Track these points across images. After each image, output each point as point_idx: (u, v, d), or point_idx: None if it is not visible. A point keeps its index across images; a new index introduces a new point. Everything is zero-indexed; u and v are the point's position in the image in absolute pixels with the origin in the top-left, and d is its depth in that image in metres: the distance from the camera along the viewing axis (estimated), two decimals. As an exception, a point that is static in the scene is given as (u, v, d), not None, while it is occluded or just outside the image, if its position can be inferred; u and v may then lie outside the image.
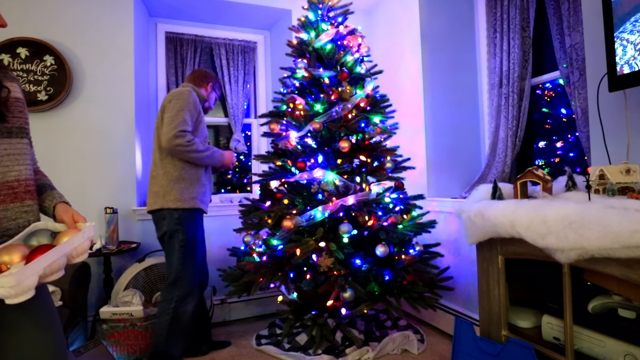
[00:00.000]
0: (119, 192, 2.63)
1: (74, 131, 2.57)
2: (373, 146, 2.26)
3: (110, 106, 2.65)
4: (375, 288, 2.05)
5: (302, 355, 2.16)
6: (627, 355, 1.23)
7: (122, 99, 2.67)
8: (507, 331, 1.58)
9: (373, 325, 2.48)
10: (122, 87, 2.68)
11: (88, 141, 2.59)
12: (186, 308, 2.05)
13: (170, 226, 2.05)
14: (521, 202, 1.44)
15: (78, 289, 2.22)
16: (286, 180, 2.27)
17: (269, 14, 3.23)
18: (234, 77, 3.36)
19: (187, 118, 2.03)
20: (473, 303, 2.33)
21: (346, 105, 2.22)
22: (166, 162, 2.08)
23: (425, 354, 2.24)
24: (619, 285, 1.25)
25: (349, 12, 2.50)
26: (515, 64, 2.42)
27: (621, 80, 1.49)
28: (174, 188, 2.05)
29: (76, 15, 2.58)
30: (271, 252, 2.17)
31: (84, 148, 2.57)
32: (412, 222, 2.25)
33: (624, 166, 1.35)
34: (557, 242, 1.24)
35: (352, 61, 2.37)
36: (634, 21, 1.43)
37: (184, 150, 2.00)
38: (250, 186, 3.52)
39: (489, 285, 1.63)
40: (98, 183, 2.59)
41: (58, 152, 2.52)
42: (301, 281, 2.12)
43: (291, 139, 2.27)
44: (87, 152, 2.58)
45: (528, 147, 2.59)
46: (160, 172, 2.09)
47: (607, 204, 1.19)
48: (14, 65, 2.42)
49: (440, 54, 2.79)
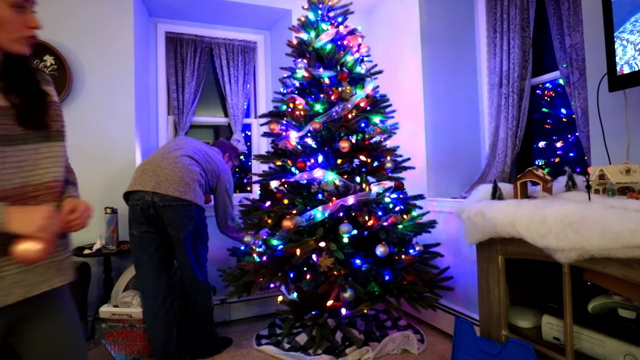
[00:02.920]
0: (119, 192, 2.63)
1: (74, 131, 2.56)
2: (373, 146, 2.26)
3: (110, 106, 2.64)
4: (375, 288, 2.05)
5: (302, 355, 2.16)
6: (627, 355, 1.23)
7: (122, 99, 2.67)
8: (507, 331, 1.58)
9: (373, 325, 2.48)
10: (122, 87, 2.67)
11: (88, 141, 2.59)
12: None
13: (198, 224, 2.17)
14: (521, 202, 1.44)
15: (78, 289, 2.22)
16: (286, 180, 2.27)
17: (269, 14, 3.23)
18: (234, 77, 3.36)
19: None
20: (473, 303, 2.33)
21: (346, 105, 2.22)
22: (195, 167, 2.21)
23: (425, 354, 2.24)
24: (619, 285, 1.25)
25: (349, 12, 2.50)
26: (515, 64, 2.42)
27: (621, 80, 1.49)
28: (198, 188, 2.18)
29: (76, 16, 2.58)
30: (271, 252, 2.17)
31: (84, 148, 2.57)
32: (412, 222, 2.25)
33: (624, 166, 1.35)
34: (557, 242, 1.24)
35: (352, 61, 2.37)
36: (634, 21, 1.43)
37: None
38: (250, 186, 3.52)
39: (489, 285, 1.63)
40: (98, 183, 2.59)
41: (58, 152, 2.52)
42: (301, 281, 2.12)
43: (291, 139, 2.27)
44: (87, 152, 2.58)
45: (528, 147, 2.59)
46: (186, 167, 2.16)
47: (607, 204, 1.19)
48: (14, 65, 2.41)
49: (440, 54, 2.79)
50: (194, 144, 2.34)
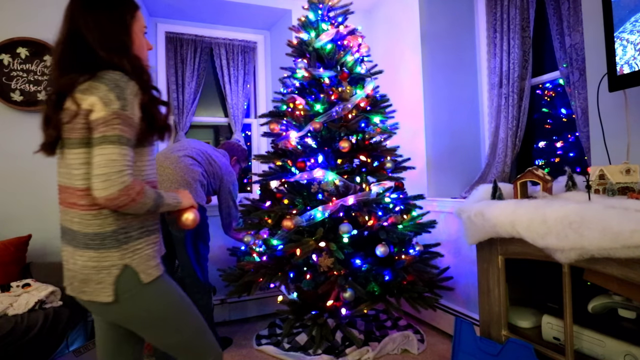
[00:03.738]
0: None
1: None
2: (373, 146, 2.26)
3: (110, 106, 2.64)
4: (375, 288, 2.05)
5: (302, 355, 2.16)
6: (627, 355, 1.23)
7: (122, 99, 2.66)
8: (507, 331, 1.58)
9: (373, 325, 2.48)
10: (122, 87, 2.67)
11: (88, 141, 2.58)
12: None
13: (199, 223, 2.18)
14: (521, 202, 1.44)
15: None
16: (286, 180, 2.27)
17: (269, 14, 3.23)
18: (234, 77, 3.36)
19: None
20: (473, 303, 2.33)
21: (346, 105, 2.22)
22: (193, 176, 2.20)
23: (425, 354, 2.24)
24: (619, 285, 1.25)
25: (349, 12, 2.50)
26: (515, 64, 2.42)
27: (621, 80, 1.49)
28: (199, 188, 2.19)
29: (76, 15, 2.58)
30: (271, 252, 2.17)
31: (84, 148, 2.57)
32: (412, 222, 2.25)
33: (624, 166, 1.35)
34: (557, 242, 1.24)
35: (352, 61, 2.37)
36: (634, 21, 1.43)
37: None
38: (250, 186, 3.52)
39: (489, 285, 1.63)
40: (98, 183, 2.59)
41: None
42: (301, 281, 2.12)
43: (291, 139, 2.27)
44: (87, 152, 2.58)
45: (528, 147, 2.59)
46: (188, 167, 2.17)
47: (607, 204, 1.19)
48: (14, 65, 2.41)
49: (440, 54, 2.79)
50: (197, 145, 2.35)
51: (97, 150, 0.94)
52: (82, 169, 0.98)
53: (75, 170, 0.99)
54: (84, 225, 1.00)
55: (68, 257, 1.04)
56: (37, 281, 2.06)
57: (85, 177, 0.98)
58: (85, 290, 1.01)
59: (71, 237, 1.02)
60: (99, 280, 0.99)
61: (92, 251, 0.99)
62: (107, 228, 0.99)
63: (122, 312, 1.03)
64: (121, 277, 1.00)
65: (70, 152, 0.99)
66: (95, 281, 0.99)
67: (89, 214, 0.99)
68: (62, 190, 1.05)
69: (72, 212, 1.02)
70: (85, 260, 0.99)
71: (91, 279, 0.99)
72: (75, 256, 1.01)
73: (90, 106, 0.95)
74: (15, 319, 1.76)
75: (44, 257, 2.43)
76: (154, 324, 1.08)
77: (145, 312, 1.05)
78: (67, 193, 1.02)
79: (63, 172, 1.03)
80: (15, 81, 2.41)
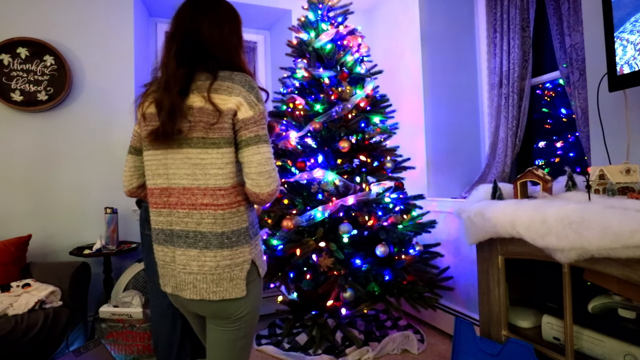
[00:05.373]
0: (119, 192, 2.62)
1: (74, 131, 2.57)
2: (373, 146, 2.26)
3: (110, 106, 2.64)
4: (375, 288, 2.05)
5: (302, 355, 2.16)
6: (627, 355, 1.23)
7: (122, 99, 2.67)
8: (507, 331, 1.58)
9: (373, 325, 2.48)
10: (122, 87, 2.67)
11: (88, 141, 2.59)
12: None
13: None
14: (521, 202, 1.44)
15: (78, 289, 2.22)
16: (286, 180, 2.27)
17: (269, 14, 3.23)
18: (234, 77, 3.36)
19: None
20: (473, 303, 2.33)
21: (346, 105, 2.22)
22: None
23: (425, 354, 2.24)
24: (619, 285, 1.25)
25: (349, 12, 2.50)
26: (515, 64, 2.42)
27: (621, 80, 1.49)
28: None
29: (76, 16, 2.58)
30: (271, 252, 2.17)
31: (84, 148, 2.57)
32: (412, 222, 2.25)
33: (624, 166, 1.35)
34: (557, 242, 1.24)
35: (352, 61, 2.37)
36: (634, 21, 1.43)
37: None
38: (250, 186, 3.52)
39: (489, 285, 1.63)
40: (98, 183, 2.59)
41: (58, 152, 2.52)
42: (301, 281, 2.12)
43: (291, 139, 2.27)
44: (87, 152, 2.58)
45: (528, 147, 2.59)
46: None
47: (607, 204, 1.19)
48: (14, 65, 2.41)
49: (440, 54, 2.79)
50: None
51: (254, 149, 0.97)
52: (227, 168, 0.98)
53: (216, 170, 0.98)
54: (219, 225, 0.99)
55: (189, 260, 1.01)
56: (37, 281, 2.06)
57: (231, 176, 0.98)
58: (217, 290, 1.00)
59: (196, 240, 1.00)
60: (232, 277, 1.00)
61: (227, 249, 0.99)
62: (243, 224, 1.02)
63: (244, 306, 1.05)
64: (250, 271, 1.03)
65: (208, 152, 0.97)
66: (227, 279, 1.00)
67: (229, 212, 0.99)
68: (180, 193, 1.01)
69: (202, 213, 0.99)
70: (219, 259, 0.99)
71: (224, 278, 1.00)
72: (204, 258, 0.99)
73: (236, 106, 0.97)
74: (15, 319, 1.76)
75: (44, 257, 2.43)
76: (252, 318, 1.09)
77: (257, 303, 1.09)
78: (195, 195, 0.99)
79: (182, 174, 1.00)
80: (15, 81, 2.41)
